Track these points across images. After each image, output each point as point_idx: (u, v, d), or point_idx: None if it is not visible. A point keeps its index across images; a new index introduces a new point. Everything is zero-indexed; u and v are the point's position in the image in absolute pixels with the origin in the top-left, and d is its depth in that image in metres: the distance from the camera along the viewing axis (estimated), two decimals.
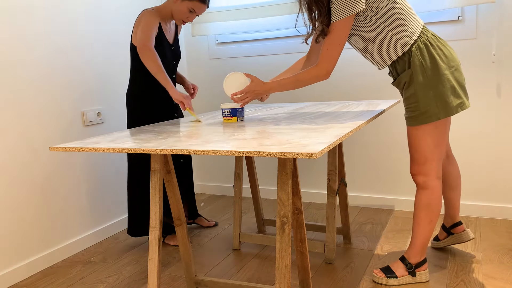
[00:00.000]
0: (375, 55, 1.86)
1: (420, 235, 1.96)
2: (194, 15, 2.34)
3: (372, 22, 1.77)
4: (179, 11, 2.31)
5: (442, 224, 2.30)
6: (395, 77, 1.89)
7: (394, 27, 1.76)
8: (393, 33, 1.77)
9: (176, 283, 2.15)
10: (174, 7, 2.32)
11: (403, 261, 2.02)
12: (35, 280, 2.28)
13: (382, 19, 1.75)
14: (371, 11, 1.74)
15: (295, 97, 3.17)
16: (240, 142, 1.36)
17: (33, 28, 2.33)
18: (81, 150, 1.46)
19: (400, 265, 2.02)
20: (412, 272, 2.01)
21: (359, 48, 1.89)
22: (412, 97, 1.81)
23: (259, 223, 2.71)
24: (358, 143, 3.04)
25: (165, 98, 2.46)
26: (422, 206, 1.94)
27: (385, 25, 1.76)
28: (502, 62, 2.56)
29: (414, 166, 1.93)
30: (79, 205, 2.61)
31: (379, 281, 2.02)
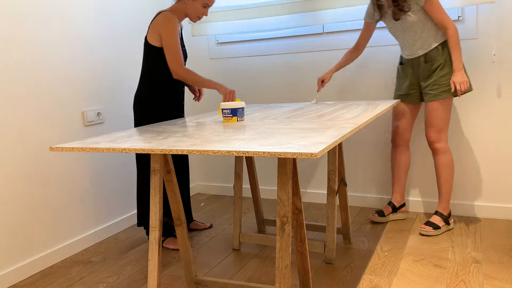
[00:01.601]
0: (425, 36, 2.40)
1: (447, 190, 2.51)
2: (207, 8, 2.43)
3: (426, 14, 2.38)
4: (194, 8, 2.39)
5: (391, 202, 2.75)
6: (428, 60, 2.42)
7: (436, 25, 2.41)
8: (436, 27, 2.41)
9: (176, 283, 2.15)
10: (187, 7, 2.39)
11: (439, 215, 2.53)
12: (35, 280, 2.28)
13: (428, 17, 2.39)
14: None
15: (295, 97, 3.17)
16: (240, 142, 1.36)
17: (33, 29, 2.33)
18: (81, 150, 1.46)
19: (438, 219, 2.52)
20: (447, 222, 2.53)
21: (414, 28, 2.40)
22: (447, 75, 2.39)
23: (259, 223, 2.71)
24: (358, 143, 3.04)
25: (172, 99, 2.48)
26: (445, 166, 2.48)
27: (432, 21, 2.40)
28: (502, 62, 2.56)
29: (434, 133, 2.46)
30: (79, 205, 2.61)
31: (428, 234, 2.47)
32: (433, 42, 2.40)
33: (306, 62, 3.09)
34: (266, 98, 3.27)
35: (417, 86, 2.53)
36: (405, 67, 2.55)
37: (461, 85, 2.32)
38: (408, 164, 2.71)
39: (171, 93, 2.47)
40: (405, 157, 2.68)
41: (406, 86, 2.56)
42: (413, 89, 2.54)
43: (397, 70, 2.63)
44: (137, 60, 3.01)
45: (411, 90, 2.55)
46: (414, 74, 2.51)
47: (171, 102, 2.48)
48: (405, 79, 2.57)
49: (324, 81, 2.67)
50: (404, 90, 2.57)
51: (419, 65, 2.47)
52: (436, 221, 2.51)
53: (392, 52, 2.84)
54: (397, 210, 2.76)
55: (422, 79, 2.48)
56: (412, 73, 2.52)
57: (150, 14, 3.11)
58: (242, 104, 1.94)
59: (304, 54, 3.09)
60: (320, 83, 2.68)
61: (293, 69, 3.15)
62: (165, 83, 2.43)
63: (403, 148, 2.68)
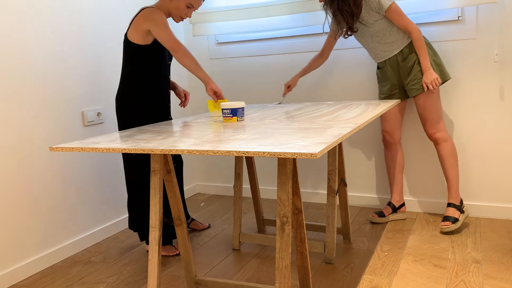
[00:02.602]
0: (392, 40, 2.48)
1: (455, 177, 2.54)
2: (191, 10, 2.32)
3: (389, 20, 2.46)
4: (177, 8, 2.29)
5: (390, 202, 2.76)
6: (404, 58, 2.49)
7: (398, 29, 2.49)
8: (400, 31, 2.49)
9: (176, 283, 2.15)
10: (171, 5, 2.29)
11: (452, 206, 2.54)
12: (35, 280, 2.28)
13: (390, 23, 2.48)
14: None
15: (295, 97, 3.17)
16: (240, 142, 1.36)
17: (33, 28, 2.33)
18: (81, 150, 1.46)
19: (451, 210, 2.54)
20: (461, 211, 2.55)
21: (380, 35, 2.48)
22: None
23: (259, 223, 2.71)
24: (358, 143, 3.04)
25: (159, 100, 2.38)
26: (449, 155, 2.52)
27: (394, 26, 2.48)
28: (504, 62, 2.56)
29: (432, 126, 2.52)
30: (79, 205, 2.61)
31: (450, 229, 2.47)
32: (403, 40, 2.48)
33: (306, 62, 3.09)
34: (266, 98, 3.27)
35: (399, 85, 2.59)
36: (383, 70, 2.61)
37: (432, 84, 2.41)
38: (402, 163, 2.73)
39: (157, 94, 2.35)
40: (398, 156, 2.72)
41: (387, 88, 2.62)
42: (395, 89, 2.60)
43: (377, 75, 2.70)
44: None
45: (393, 91, 2.61)
46: (394, 74, 2.57)
47: (157, 103, 2.36)
48: (385, 82, 2.62)
49: (290, 87, 2.77)
50: (386, 93, 2.63)
51: (398, 64, 2.53)
52: (452, 214, 2.53)
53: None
54: (397, 210, 2.76)
55: (403, 76, 2.54)
56: (392, 74, 2.57)
57: None
58: (242, 104, 1.94)
59: (304, 54, 3.09)
60: (286, 88, 2.78)
61: (293, 69, 3.15)
62: (150, 84, 2.31)
63: (395, 147, 2.71)
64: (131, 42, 2.25)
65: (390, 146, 2.71)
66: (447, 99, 2.73)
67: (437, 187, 2.84)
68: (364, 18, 2.46)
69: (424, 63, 2.42)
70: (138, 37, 2.23)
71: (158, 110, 2.38)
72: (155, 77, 2.33)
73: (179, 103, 2.63)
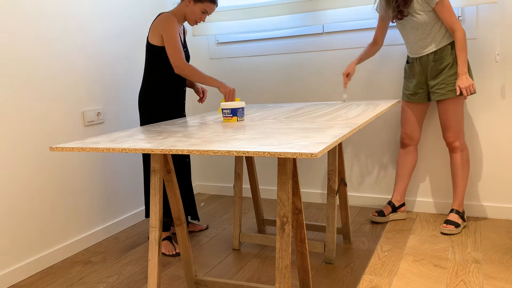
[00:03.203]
0: (432, 37, 2.42)
1: (463, 186, 2.55)
2: (206, 15, 2.47)
3: (436, 15, 2.39)
4: (192, 12, 2.43)
5: (390, 201, 2.76)
6: (437, 59, 2.44)
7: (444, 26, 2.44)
8: (443, 28, 2.43)
9: (176, 283, 2.15)
10: (186, 10, 2.43)
11: (456, 212, 2.55)
12: (35, 280, 2.28)
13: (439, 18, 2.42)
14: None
15: (295, 97, 3.17)
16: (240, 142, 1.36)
17: (33, 29, 2.33)
18: (81, 150, 1.46)
19: (455, 216, 2.54)
20: (463, 218, 2.57)
21: (422, 28, 2.41)
22: (455, 75, 2.41)
23: (259, 223, 2.71)
24: (358, 143, 3.04)
25: (175, 97, 2.51)
26: (463, 164, 2.52)
27: (441, 22, 2.42)
28: (505, 62, 2.56)
29: (452, 134, 2.50)
30: (79, 205, 2.61)
31: (452, 232, 2.48)
32: (441, 41, 2.42)
33: (306, 62, 3.09)
34: (266, 98, 3.27)
35: (425, 85, 2.53)
36: (412, 66, 2.55)
37: (466, 89, 2.35)
38: (413, 166, 2.71)
39: (172, 92, 2.48)
40: (412, 158, 2.69)
41: (413, 85, 2.56)
42: (420, 88, 2.54)
43: (404, 70, 2.63)
44: (137, 60, 3.01)
45: (418, 89, 2.55)
46: (422, 72, 2.51)
47: (172, 100, 2.49)
48: (412, 78, 2.57)
49: (350, 74, 2.62)
50: (411, 90, 2.58)
51: (428, 63, 2.47)
52: (455, 219, 2.53)
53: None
54: (397, 210, 2.76)
55: (430, 78, 2.49)
56: (420, 72, 2.52)
57: (150, 14, 3.11)
58: (242, 104, 1.94)
59: (304, 54, 3.09)
60: (346, 77, 2.62)
61: (293, 69, 3.15)
62: (166, 82, 2.45)
63: (412, 149, 2.68)
64: (151, 44, 2.41)
65: (407, 148, 2.69)
66: None
67: (438, 188, 2.84)
68: (414, 6, 2.38)
69: (461, 67, 2.35)
70: (156, 39, 2.38)
71: (172, 106, 2.50)
72: (173, 75, 2.47)
73: (197, 99, 2.73)
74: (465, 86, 2.35)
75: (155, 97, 2.45)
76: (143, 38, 3.05)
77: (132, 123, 2.98)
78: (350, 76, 2.63)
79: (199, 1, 2.39)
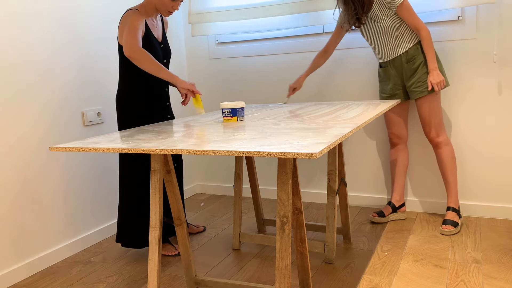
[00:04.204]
0: (399, 39, 2.48)
1: (454, 182, 2.56)
2: (178, 2, 2.29)
3: (399, 18, 2.45)
4: (162, 3, 2.26)
5: (390, 201, 2.76)
6: (409, 60, 2.49)
7: (408, 27, 2.49)
8: (409, 29, 2.48)
9: (176, 283, 2.15)
10: (156, 1, 2.27)
11: (452, 210, 2.56)
12: (35, 280, 2.28)
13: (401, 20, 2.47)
14: None
15: (295, 97, 3.17)
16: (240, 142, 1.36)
17: (33, 29, 2.33)
18: (81, 150, 1.46)
19: (452, 214, 2.55)
20: (459, 215, 2.58)
21: (388, 32, 2.47)
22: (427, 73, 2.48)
23: (259, 223, 2.71)
24: (358, 143, 3.04)
25: (155, 99, 2.37)
26: (450, 159, 2.54)
27: (404, 24, 2.47)
28: (503, 62, 2.56)
29: (433, 130, 2.52)
30: (79, 204, 2.61)
31: (451, 233, 2.48)
32: (409, 41, 2.47)
33: (306, 62, 3.09)
34: (266, 98, 3.27)
35: (401, 86, 2.58)
36: (386, 70, 2.60)
37: (438, 85, 2.41)
38: (406, 163, 2.74)
39: (153, 94, 2.34)
40: (403, 156, 2.72)
41: (390, 88, 2.61)
42: (397, 89, 2.59)
43: (378, 74, 2.68)
44: None
45: (396, 91, 2.60)
46: (397, 74, 2.56)
47: (154, 102, 2.36)
48: (388, 81, 2.62)
49: (296, 89, 2.72)
50: (388, 92, 2.62)
51: (402, 65, 2.52)
52: (453, 218, 2.53)
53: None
54: (397, 210, 2.76)
55: (406, 78, 2.54)
56: (395, 74, 2.57)
57: None
58: (242, 104, 1.94)
59: (304, 54, 3.09)
60: (292, 91, 2.72)
61: (293, 69, 3.15)
62: (143, 83, 2.31)
63: (401, 147, 2.72)
64: (119, 44, 2.26)
65: (396, 147, 2.72)
66: (447, 99, 2.73)
67: (437, 187, 2.84)
68: (375, 13, 2.44)
69: (431, 63, 2.41)
70: (121, 38, 2.22)
71: (155, 109, 2.37)
72: (148, 77, 2.32)
73: (181, 102, 2.63)
74: (436, 82, 2.40)
75: (133, 100, 2.30)
76: None
77: None
78: (296, 91, 2.74)
79: None
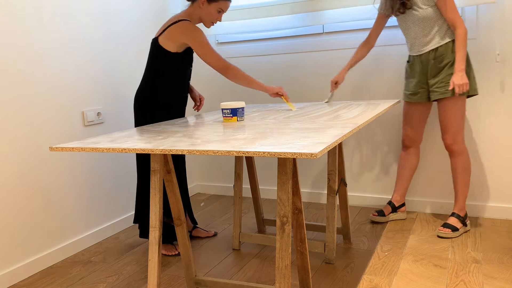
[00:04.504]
0: (433, 33, 2.38)
1: (465, 192, 2.50)
2: (222, 14, 2.39)
3: (438, 11, 2.36)
4: (208, 13, 2.33)
5: (390, 201, 2.75)
6: (437, 57, 2.39)
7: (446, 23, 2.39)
8: (447, 24, 2.39)
9: (176, 283, 2.15)
10: (201, 12, 2.34)
11: (456, 216, 2.51)
12: (35, 280, 2.28)
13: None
14: None
15: (295, 97, 3.17)
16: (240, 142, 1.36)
17: (33, 29, 2.33)
18: (81, 150, 1.46)
19: (454, 220, 2.50)
20: (464, 223, 2.51)
21: (423, 24, 2.38)
22: None
23: (259, 223, 2.71)
24: (358, 143, 3.04)
25: (177, 102, 2.44)
26: (463, 169, 2.47)
27: (443, 18, 2.38)
28: (506, 62, 2.56)
29: (450, 136, 2.44)
30: (79, 205, 2.61)
31: (447, 236, 2.45)
32: (442, 38, 2.38)
33: (306, 62, 3.09)
34: (266, 98, 3.27)
35: (425, 84, 2.48)
36: (413, 65, 2.51)
37: (460, 87, 2.28)
38: (415, 167, 2.68)
39: (176, 97, 2.41)
40: (413, 159, 2.66)
41: (413, 85, 2.52)
42: (421, 87, 2.49)
43: (405, 70, 2.59)
44: (137, 60, 3.01)
45: (419, 88, 2.50)
46: (422, 71, 2.47)
47: (175, 105, 2.42)
48: (412, 78, 2.52)
49: (338, 83, 2.60)
50: (412, 89, 2.53)
51: (428, 62, 2.43)
52: (454, 223, 2.48)
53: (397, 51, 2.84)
54: (397, 210, 2.75)
55: (431, 76, 2.44)
56: (420, 71, 2.47)
57: (149, 15, 3.11)
58: (242, 104, 1.94)
59: (304, 54, 3.09)
60: (334, 85, 2.60)
61: (293, 69, 3.15)
62: (172, 87, 2.37)
63: (413, 150, 2.65)
64: (162, 48, 2.30)
65: (408, 149, 2.65)
66: None
67: (438, 187, 2.84)
68: (415, 1, 2.36)
69: (459, 64, 2.28)
70: (172, 45, 2.28)
71: (174, 112, 2.43)
72: (178, 81, 2.39)
73: (193, 106, 2.67)
74: (458, 83, 2.27)
75: (157, 101, 2.36)
76: (143, 38, 3.05)
77: (132, 123, 2.98)
78: (338, 84, 2.61)
79: (214, 1, 2.30)
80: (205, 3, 2.30)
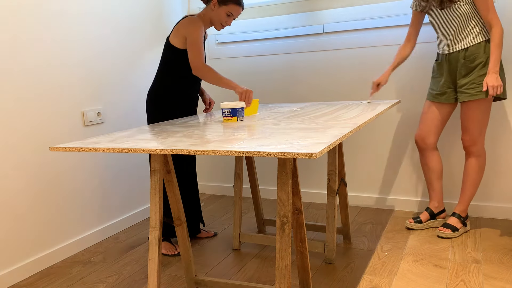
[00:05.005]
0: (467, 31, 2.29)
1: (472, 194, 2.46)
2: (231, 18, 2.42)
3: (475, 8, 2.26)
4: (218, 16, 2.39)
5: (428, 207, 2.62)
6: (468, 57, 2.29)
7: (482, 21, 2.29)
8: (482, 23, 2.29)
9: (176, 283, 2.15)
10: (212, 14, 2.39)
11: (457, 216, 2.49)
12: (35, 280, 2.28)
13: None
14: None
15: (295, 97, 3.17)
16: (240, 142, 1.36)
17: (33, 29, 2.33)
18: (81, 150, 1.46)
19: (455, 220, 2.48)
20: (464, 223, 2.50)
21: (458, 21, 2.28)
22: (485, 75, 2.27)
23: (259, 223, 2.71)
24: (358, 143, 3.04)
25: (188, 102, 2.47)
26: (475, 171, 2.41)
27: (479, 16, 2.28)
28: (505, 62, 2.56)
29: (469, 137, 2.37)
30: (79, 205, 2.61)
31: (447, 236, 2.44)
32: (476, 37, 2.28)
33: (306, 62, 3.09)
34: (266, 98, 3.27)
35: (453, 84, 2.39)
36: (441, 64, 2.41)
37: (494, 88, 2.18)
38: (438, 169, 2.54)
39: (187, 96, 2.45)
40: (433, 161, 2.53)
41: (441, 85, 2.42)
42: (448, 87, 2.40)
43: (433, 69, 2.49)
44: (138, 60, 3.01)
45: (446, 89, 2.40)
46: (450, 71, 2.37)
47: (186, 104, 2.46)
48: (440, 77, 2.43)
49: (380, 84, 2.51)
50: (438, 89, 2.43)
51: (458, 61, 2.33)
52: (454, 223, 2.46)
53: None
54: (436, 217, 2.60)
55: (460, 76, 2.33)
56: (448, 70, 2.38)
57: (151, 15, 3.11)
58: (242, 104, 1.94)
59: (304, 54, 3.09)
60: (376, 87, 2.52)
61: (293, 69, 3.15)
62: (182, 85, 2.41)
63: (429, 153, 2.52)
64: (172, 45, 2.37)
65: (423, 152, 2.54)
66: None
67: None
68: None
69: (493, 65, 2.19)
70: (178, 41, 2.35)
71: (185, 111, 2.46)
72: (188, 79, 2.43)
73: (203, 110, 2.69)
74: (493, 85, 2.17)
75: (168, 98, 2.40)
76: (143, 38, 3.05)
77: (132, 123, 2.98)
78: (381, 86, 2.52)
79: (224, 4, 2.34)
80: (216, 5, 2.36)
